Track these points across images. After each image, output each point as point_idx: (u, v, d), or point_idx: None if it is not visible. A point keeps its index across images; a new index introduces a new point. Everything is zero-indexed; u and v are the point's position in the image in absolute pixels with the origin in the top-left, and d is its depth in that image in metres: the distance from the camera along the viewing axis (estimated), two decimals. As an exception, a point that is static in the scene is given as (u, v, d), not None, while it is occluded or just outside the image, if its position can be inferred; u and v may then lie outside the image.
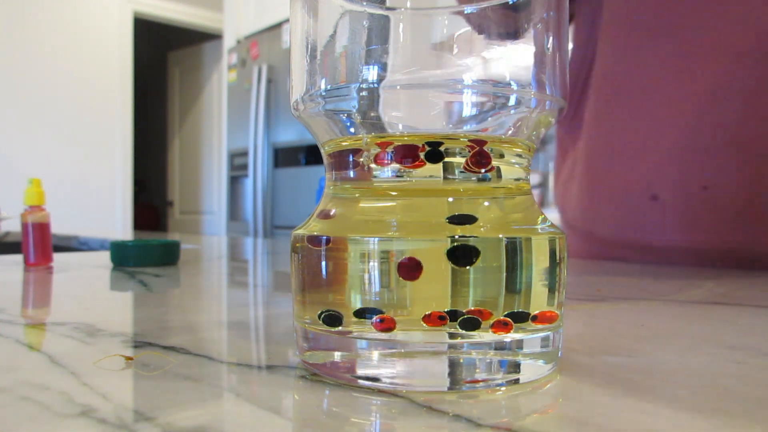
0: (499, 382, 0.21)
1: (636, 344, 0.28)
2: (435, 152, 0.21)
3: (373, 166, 0.22)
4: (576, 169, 0.75)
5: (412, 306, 0.21)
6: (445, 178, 0.22)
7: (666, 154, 0.64)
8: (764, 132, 0.58)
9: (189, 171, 4.30)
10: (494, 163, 0.22)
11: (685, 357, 0.26)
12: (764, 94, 0.57)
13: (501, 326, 0.21)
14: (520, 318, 0.21)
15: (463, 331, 0.20)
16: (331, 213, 0.24)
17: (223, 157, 3.33)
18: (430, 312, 0.20)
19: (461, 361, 0.21)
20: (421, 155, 0.22)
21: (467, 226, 0.21)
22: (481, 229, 0.21)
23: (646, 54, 0.65)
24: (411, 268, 0.20)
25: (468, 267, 0.20)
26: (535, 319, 0.22)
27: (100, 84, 3.52)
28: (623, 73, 0.68)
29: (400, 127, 0.23)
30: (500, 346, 0.21)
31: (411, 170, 0.22)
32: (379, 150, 0.22)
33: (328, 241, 0.22)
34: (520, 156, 0.23)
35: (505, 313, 0.21)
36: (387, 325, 0.20)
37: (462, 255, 0.20)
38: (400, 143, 0.22)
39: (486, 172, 0.22)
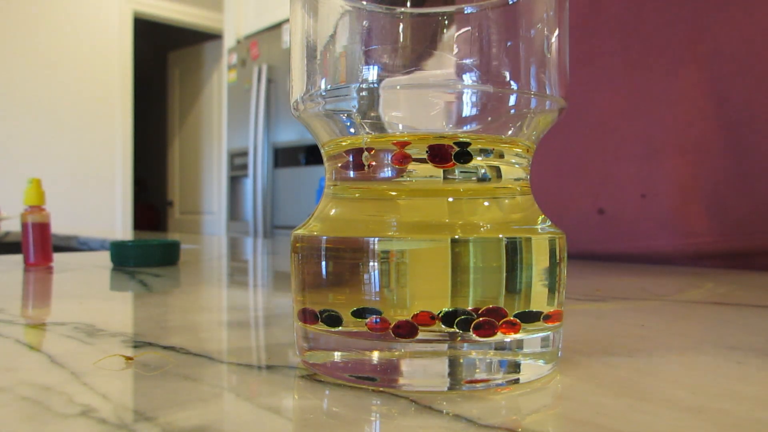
0: (499, 382, 0.21)
1: (636, 344, 0.28)
2: (464, 152, 0.21)
3: (374, 163, 0.22)
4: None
5: (411, 306, 0.20)
6: (445, 178, 0.22)
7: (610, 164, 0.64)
8: (701, 136, 0.59)
9: (189, 171, 4.30)
10: (494, 163, 0.23)
11: (685, 357, 0.26)
12: (701, 99, 0.58)
13: (510, 326, 0.21)
14: (530, 318, 0.21)
15: (462, 332, 0.20)
16: (331, 213, 0.24)
17: (223, 157, 3.33)
18: (418, 312, 0.20)
19: (461, 361, 0.21)
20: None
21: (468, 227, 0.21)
22: (481, 229, 0.21)
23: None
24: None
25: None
26: (548, 318, 0.22)
27: (100, 84, 3.52)
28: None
29: (400, 127, 0.23)
30: (500, 346, 0.21)
31: (412, 170, 0.22)
32: (396, 149, 0.22)
33: (328, 241, 0.22)
34: (520, 156, 0.23)
35: (515, 313, 0.21)
36: (383, 326, 0.20)
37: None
38: (424, 143, 0.22)
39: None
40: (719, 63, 0.57)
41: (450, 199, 0.22)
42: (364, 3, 0.22)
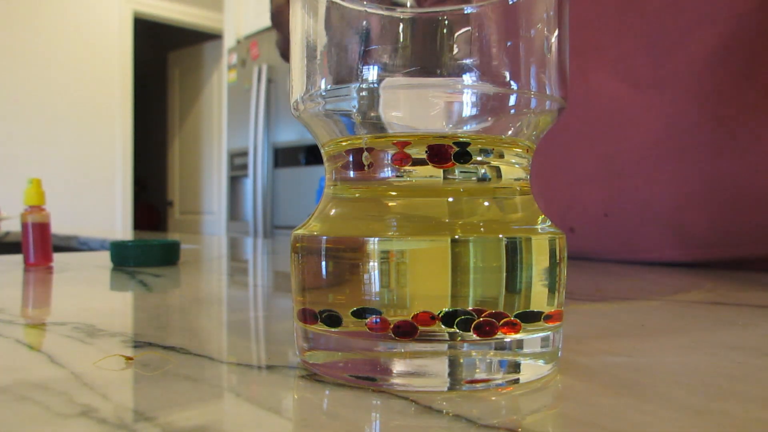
0: (499, 382, 0.21)
1: (636, 344, 0.28)
2: (463, 152, 0.21)
3: (373, 163, 0.22)
4: None
5: (411, 306, 0.20)
6: (445, 178, 0.22)
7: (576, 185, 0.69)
8: (656, 158, 0.62)
9: (189, 171, 4.30)
10: (494, 163, 0.22)
11: (685, 357, 0.26)
12: (656, 121, 0.61)
13: (510, 327, 0.21)
14: (530, 318, 0.21)
15: (462, 332, 0.20)
16: (331, 213, 0.24)
17: (223, 157, 3.34)
18: (418, 312, 0.20)
19: (461, 361, 0.21)
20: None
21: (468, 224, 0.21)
22: (481, 229, 0.21)
23: None
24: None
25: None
26: (548, 318, 0.22)
27: (100, 84, 3.52)
28: None
29: (400, 127, 0.23)
30: (500, 346, 0.21)
31: (412, 170, 0.22)
32: (396, 149, 0.22)
33: (328, 241, 0.22)
34: (520, 156, 0.23)
35: (515, 313, 0.21)
36: (383, 326, 0.20)
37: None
38: (423, 143, 0.22)
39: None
40: (671, 87, 0.59)
41: (450, 199, 0.22)
42: (364, 3, 0.22)
